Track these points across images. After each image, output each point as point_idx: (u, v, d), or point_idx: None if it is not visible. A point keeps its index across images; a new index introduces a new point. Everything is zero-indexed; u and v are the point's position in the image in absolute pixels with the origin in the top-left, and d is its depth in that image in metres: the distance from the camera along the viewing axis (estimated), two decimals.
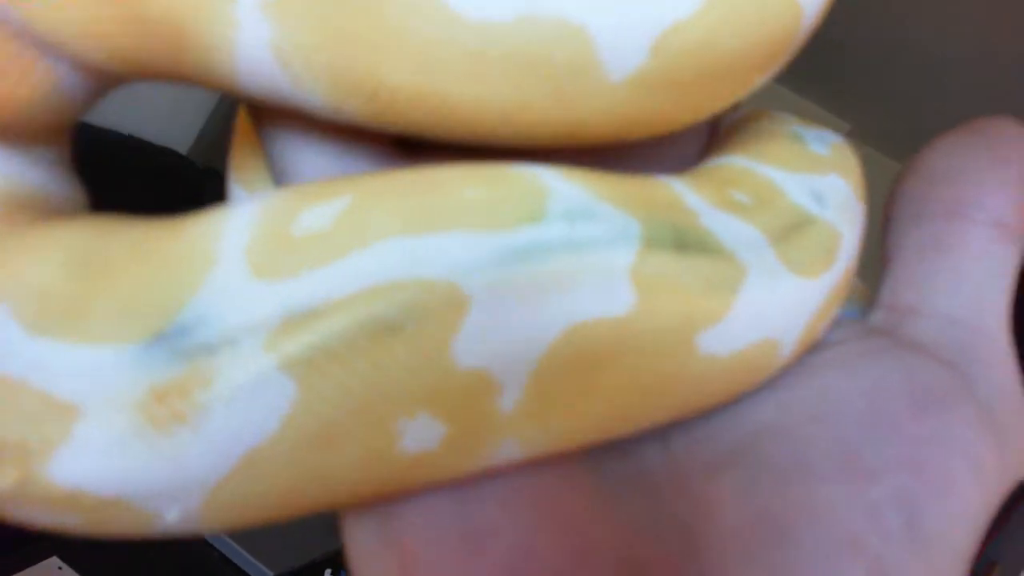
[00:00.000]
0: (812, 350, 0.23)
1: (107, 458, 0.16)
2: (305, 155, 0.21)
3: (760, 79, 0.21)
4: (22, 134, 0.20)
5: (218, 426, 0.16)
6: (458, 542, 0.18)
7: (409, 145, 0.23)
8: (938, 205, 0.24)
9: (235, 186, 0.29)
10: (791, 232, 0.21)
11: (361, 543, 0.20)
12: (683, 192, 0.20)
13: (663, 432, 0.22)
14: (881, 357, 0.22)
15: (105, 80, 0.20)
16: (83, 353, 0.16)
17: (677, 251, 0.18)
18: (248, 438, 0.16)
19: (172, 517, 0.17)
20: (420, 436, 0.17)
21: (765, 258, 0.20)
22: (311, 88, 0.18)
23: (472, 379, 0.17)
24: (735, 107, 0.27)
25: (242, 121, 0.29)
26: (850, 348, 0.22)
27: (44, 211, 0.20)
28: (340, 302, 0.16)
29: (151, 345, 0.16)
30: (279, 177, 0.22)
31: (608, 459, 0.21)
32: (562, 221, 0.17)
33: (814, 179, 0.23)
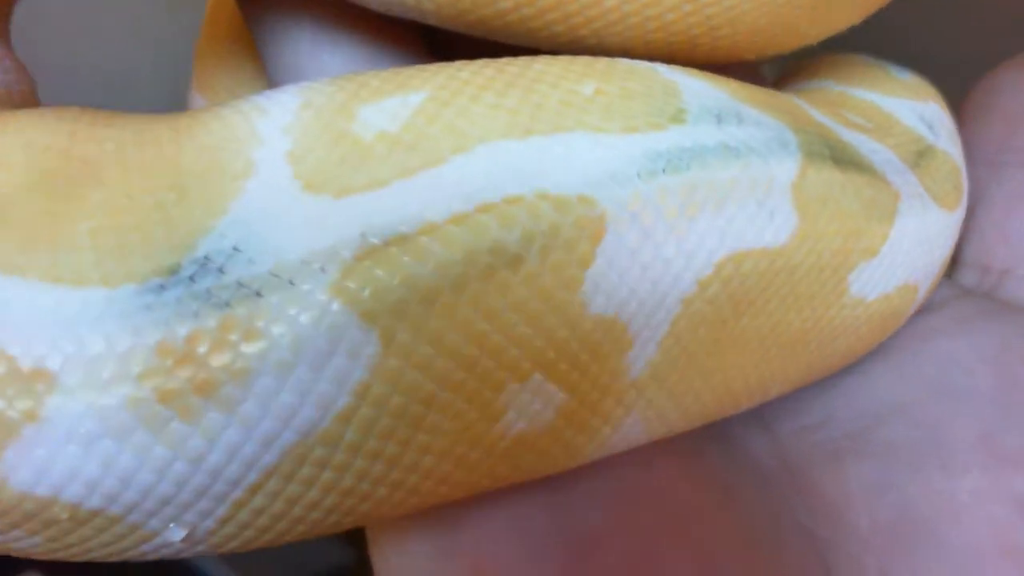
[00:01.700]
0: (920, 312, 0.19)
1: (89, 450, 0.10)
2: (317, 52, 0.17)
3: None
4: None
5: (261, 403, 0.11)
6: (558, 553, 0.14)
7: (439, 49, 0.18)
8: (1017, 153, 0.21)
9: (197, 97, 0.23)
10: (920, 159, 0.17)
11: (409, 562, 0.15)
12: (804, 105, 0.16)
13: (759, 413, 0.18)
14: (994, 320, 0.19)
15: None
16: (57, 297, 0.11)
17: (837, 166, 0.14)
18: (304, 421, 0.11)
19: (176, 536, 0.11)
20: (530, 408, 0.12)
21: (910, 183, 0.16)
22: None
23: (602, 329, 0.12)
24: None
25: (210, 18, 0.23)
26: (956, 311, 0.19)
27: None
28: (437, 225, 0.11)
29: (159, 286, 0.11)
30: (278, 81, 0.17)
31: (709, 448, 0.17)
32: (709, 122, 0.13)
33: (917, 105, 0.19)
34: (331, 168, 0.12)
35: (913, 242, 0.16)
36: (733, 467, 0.17)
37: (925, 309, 0.19)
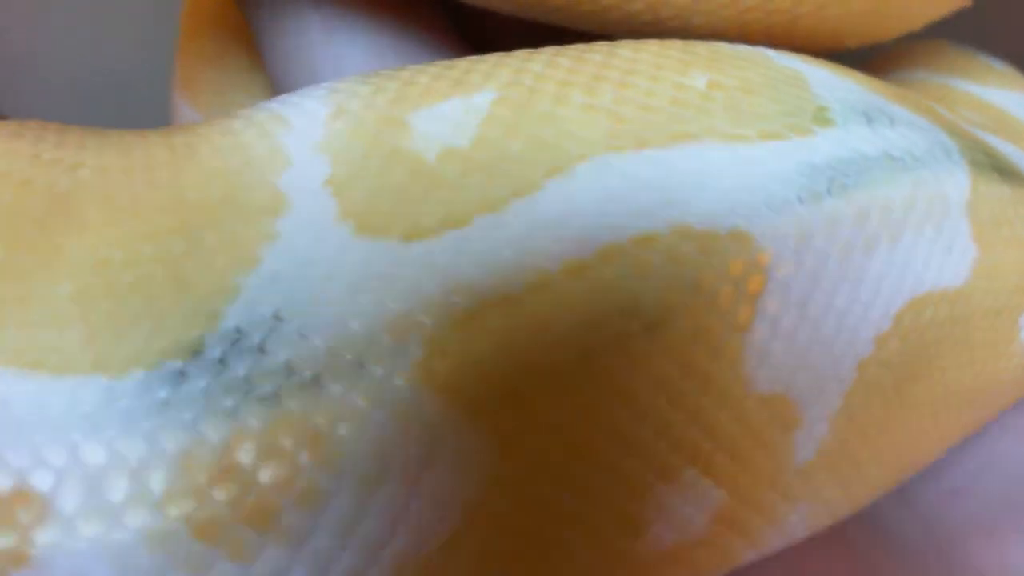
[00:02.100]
0: None
1: None
2: (329, 41, 0.13)
3: None
4: None
5: (337, 534, 0.08)
6: None
7: (472, 37, 0.15)
8: None
9: (180, 100, 0.20)
10: None
11: None
12: (928, 103, 0.13)
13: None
14: None
15: None
16: (36, 389, 0.07)
17: (1003, 179, 0.12)
18: (394, 555, 0.08)
19: None
20: (680, 514, 0.09)
21: None
22: None
23: (767, 408, 0.09)
24: None
25: (188, 17, 0.19)
26: None
27: None
28: (547, 278, 0.08)
29: (178, 373, 0.08)
30: (284, 82, 0.14)
31: (851, 527, 0.14)
32: (859, 123, 0.10)
33: (1018, 96, 0.16)
34: (388, 201, 0.09)
35: None
36: (878, 547, 0.14)
37: None
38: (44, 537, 0.07)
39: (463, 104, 0.09)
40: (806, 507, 0.10)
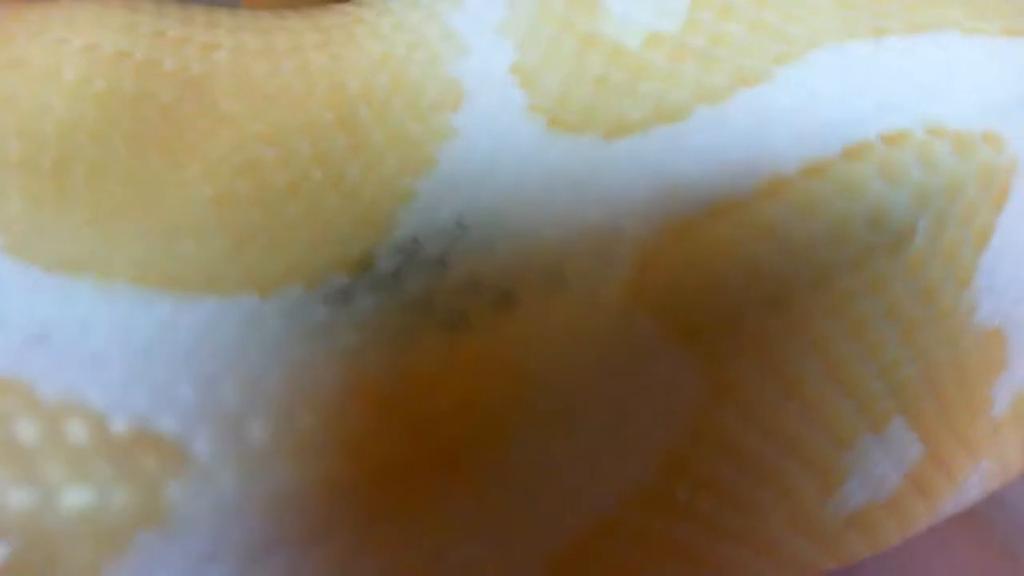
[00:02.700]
0: None
1: None
2: None
3: None
4: None
5: (522, 481, 0.06)
6: None
7: None
8: None
9: None
10: None
11: None
12: None
13: None
14: None
15: None
16: (170, 311, 0.06)
17: None
18: (596, 502, 0.07)
19: None
20: (878, 473, 0.08)
21: None
22: None
23: (983, 347, 0.08)
24: None
25: None
26: None
27: None
28: (785, 180, 0.07)
29: (343, 290, 0.06)
30: None
31: (987, 510, 0.13)
32: None
33: None
34: (587, 92, 0.07)
35: None
36: (1013, 530, 0.13)
37: None
38: (178, 490, 0.06)
39: None
40: (987, 466, 0.09)
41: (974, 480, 0.09)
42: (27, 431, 0.06)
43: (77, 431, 0.06)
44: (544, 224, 0.06)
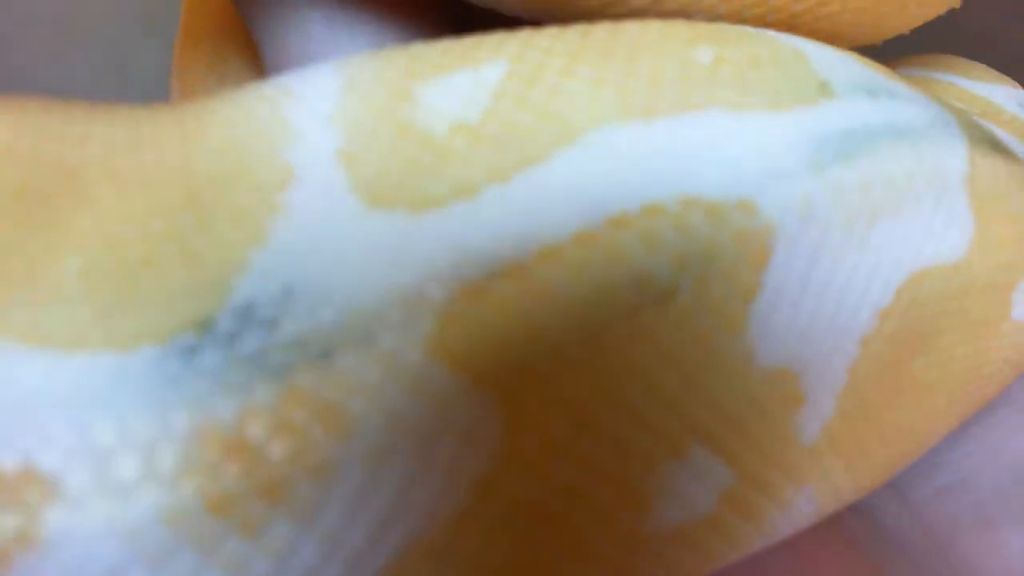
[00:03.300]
0: None
1: None
2: (331, 37, 0.13)
3: None
4: None
5: (348, 509, 0.07)
6: None
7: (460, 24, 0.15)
8: None
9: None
10: None
11: None
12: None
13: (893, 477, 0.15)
14: None
15: None
16: (45, 366, 0.07)
17: (998, 153, 0.11)
18: (405, 530, 0.08)
19: None
20: (687, 492, 0.09)
21: None
22: None
23: (770, 382, 0.09)
24: None
25: (186, 28, 0.19)
26: None
27: None
28: (557, 247, 0.08)
29: (189, 348, 0.07)
30: (277, 68, 0.14)
31: (850, 522, 0.14)
32: (861, 96, 0.10)
33: (1007, 89, 0.16)
34: (399, 172, 0.08)
35: None
36: (878, 543, 0.14)
37: None
38: (53, 518, 0.07)
39: (473, 76, 0.09)
40: (813, 490, 0.10)
41: (802, 502, 0.10)
42: None
43: None
44: (360, 290, 0.08)
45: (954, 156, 0.10)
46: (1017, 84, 0.18)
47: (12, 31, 0.34)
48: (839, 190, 0.09)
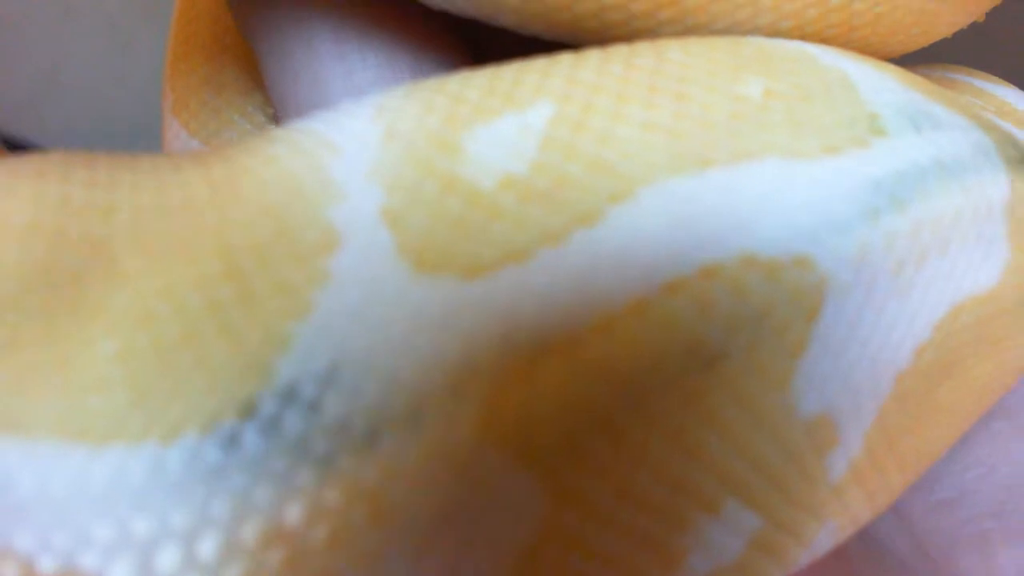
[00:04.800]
0: None
1: None
2: (341, 57, 0.12)
3: None
4: None
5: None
6: None
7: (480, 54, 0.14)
8: None
9: (174, 121, 0.18)
10: None
11: None
12: (953, 93, 0.13)
13: None
14: None
15: None
16: (80, 462, 0.07)
17: None
18: None
19: None
20: (718, 545, 0.09)
21: None
22: None
23: (810, 431, 0.09)
24: None
25: (178, 39, 0.18)
26: None
27: None
28: (613, 318, 0.08)
29: (230, 436, 0.07)
30: (290, 101, 0.13)
31: (847, 545, 0.14)
32: (910, 130, 0.10)
33: (1012, 91, 0.16)
34: (447, 233, 0.08)
35: None
36: (870, 559, 0.14)
37: None
38: None
39: (518, 122, 0.09)
40: (834, 523, 0.10)
41: (823, 536, 0.10)
42: None
43: (9, 572, 0.07)
44: (407, 365, 0.07)
45: (997, 186, 0.10)
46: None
47: (15, 14, 0.33)
48: (892, 237, 0.09)
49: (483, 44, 0.14)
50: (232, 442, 0.07)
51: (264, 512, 0.07)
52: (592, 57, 0.09)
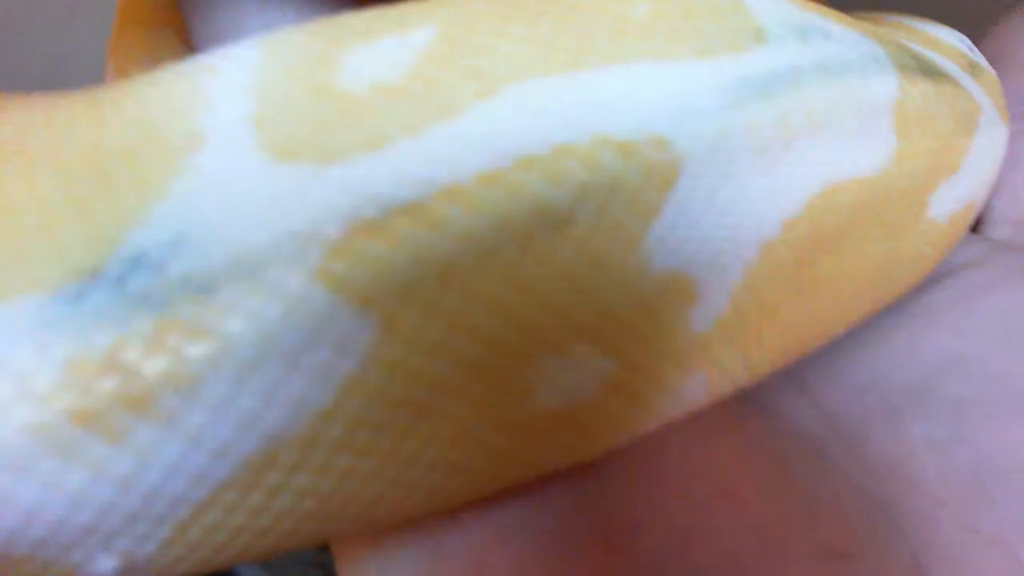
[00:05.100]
0: (955, 267, 0.17)
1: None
2: (263, 9, 0.13)
3: None
4: None
5: (212, 412, 0.08)
6: (587, 546, 0.11)
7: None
8: None
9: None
10: (974, 71, 0.14)
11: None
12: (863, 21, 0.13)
13: (797, 380, 0.15)
14: None
15: None
16: None
17: (929, 77, 0.12)
18: (270, 425, 0.08)
19: (106, 567, 0.09)
20: (566, 382, 0.09)
21: (981, 94, 0.14)
22: None
23: (663, 285, 0.09)
24: None
25: (122, 11, 0.19)
26: (1001, 265, 0.16)
27: None
28: (459, 187, 0.08)
29: (75, 293, 0.08)
30: (207, 49, 0.13)
31: (752, 420, 0.14)
32: (794, 39, 0.10)
33: (956, 32, 0.16)
34: (311, 129, 0.08)
35: (986, 156, 0.13)
36: (779, 437, 0.14)
37: (964, 267, 0.16)
38: None
39: (400, 41, 0.09)
40: (703, 375, 0.11)
41: (691, 385, 0.11)
42: None
43: None
44: (254, 232, 0.08)
45: (882, 86, 0.10)
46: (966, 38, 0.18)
47: (17, 7, 0.34)
48: (755, 123, 0.09)
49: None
50: (77, 298, 0.07)
51: (100, 350, 0.07)
52: None
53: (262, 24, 0.13)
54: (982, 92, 0.14)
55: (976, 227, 0.19)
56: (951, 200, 0.13)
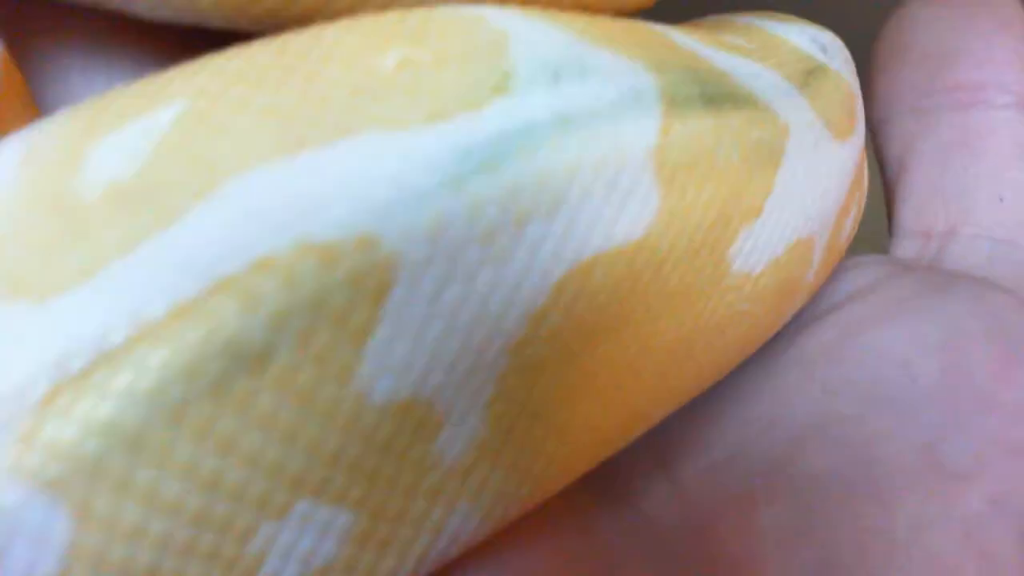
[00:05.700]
0: (843, 298, 0.15)
1: None
2: (89, 81, 0.12)
3: None
4: None
5: None
6: None
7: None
8: (945, 95, 0.16)
9: None
10: (810, 78, 0.13)
11: None
12: (668, 32, 0.12)
13: (660, 455, 0.14)
14: (940, 298, 0.14)
15: None
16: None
17: (709, 108, 0.10)
18: None
19: None
20: (300, 548, 0.09)
21: (800, 108, 0.12)
22: None
23: (395, 418, 0.09)
24: None
25: None
26: (892, 293, 0.15)
27: None
28: (153, 326, 0.07)
29: None
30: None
31: (599, 516, 0.13)
32: (543, 83, 0.09)
33: (810, 29, 0.15)
34: (39, 257, 0.07)
35: (804, 186, 0.12)
36: (625, 538, 0.13)
37: (851, 298, 0.15)
38: None
39: (145, 126, 0.08)
40: (468, 505, 0.10)
41: (457, 521, 0.10)
42: None
43: None
44: None
45: (637, 131, 0.09)
46: (830, 32, 0.17)
47: None
48: (477, 205, 0.08)
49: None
50: None
51: None
52: (254, 46, 0.09)
53: (91, 91, 0.12)
54: (806, 107, 0.12)
55: (884, 245, 0.18)
56: (761, 248, 0.12)
